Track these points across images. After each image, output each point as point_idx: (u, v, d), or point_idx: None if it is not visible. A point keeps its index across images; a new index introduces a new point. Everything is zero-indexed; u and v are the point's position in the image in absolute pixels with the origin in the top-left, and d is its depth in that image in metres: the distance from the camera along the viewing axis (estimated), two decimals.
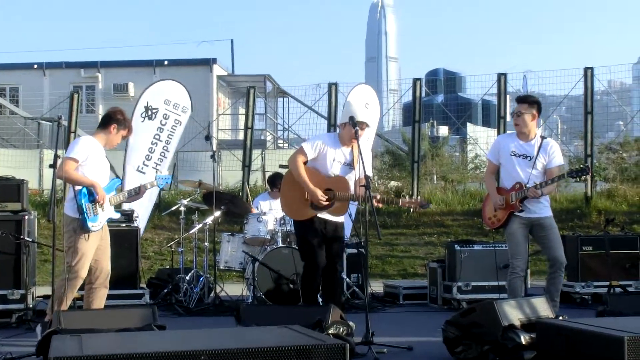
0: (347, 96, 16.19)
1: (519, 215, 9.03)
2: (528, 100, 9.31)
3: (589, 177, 19.06)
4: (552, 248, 9.02)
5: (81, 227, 8.19)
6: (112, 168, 12.93)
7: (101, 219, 8.38)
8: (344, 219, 9.05)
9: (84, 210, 8.17)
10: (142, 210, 13.73)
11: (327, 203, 8.68)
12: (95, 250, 8.42)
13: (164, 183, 9.34)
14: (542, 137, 9.23)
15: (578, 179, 18.43)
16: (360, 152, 8.48)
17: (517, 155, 9.10)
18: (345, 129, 8.78)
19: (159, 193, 19.43)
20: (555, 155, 9.18)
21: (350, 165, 8.83)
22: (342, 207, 8.80)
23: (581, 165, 9.40)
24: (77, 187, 8.25)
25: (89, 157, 8.33)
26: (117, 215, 8.88)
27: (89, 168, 8.33)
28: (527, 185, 8.96)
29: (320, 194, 8.63)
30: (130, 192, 8.84)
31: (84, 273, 8.28)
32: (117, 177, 9.61)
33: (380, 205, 8.89)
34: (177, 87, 14.95)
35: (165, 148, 14.50)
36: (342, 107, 16.00)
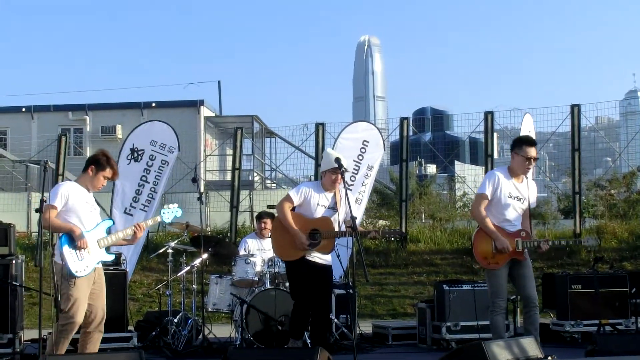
0: (340, 134, 16.17)
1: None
2: (536, 144, 9.47)
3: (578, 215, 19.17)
4: (526, 287, 9.17)
5: (67, 273, 8.13)
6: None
7: (88, 263, 8.23)
8: (331, 262, 9.30)
9: (65, 256, 8.10)
10: (132, 252, 13.69)
11: (308, 246, 9.19)
12: (89, 295, 8.35)
13: (172, 217, 9.18)
14: (526, 177, 9.38)
15: (580, 210, 18.57)
16: (347, 195, 8.91)
17: (513, 197, 9.24)
18: (325, 176, 9.38)
19: (147, 235, 19.41)
20: (535, 195, 9.56)
21: (333, 209, 9.37)
22: (329, 245, 9.28)
23: (596, 237, 9.56)
24: (60, 234, 8.23)
25: (69, 202, 8.24)
26: (109, 257, 8.72)
27: (71, 213, 8.25)
28: (534, 239, 9.12)
29: (304, 238, 9.18)
30: (125, 232, 8.67)
31: (79, 318, 8.14)
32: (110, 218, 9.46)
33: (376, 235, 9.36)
34: (164, 127, 14.91)
35: (152, 189, 14.46)
36: (332, 148, 16.05)
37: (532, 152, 9.24)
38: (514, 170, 9.31)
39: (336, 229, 9.27)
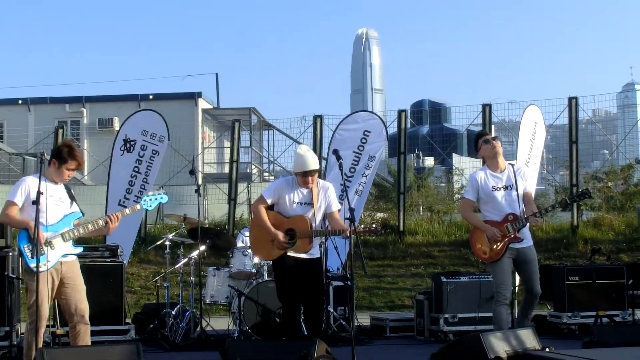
0: (338, 126, 16.17)
1: (509, 247, 9.31)
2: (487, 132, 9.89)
3: (575, 204, 19.14)
4: (531, 280, 9.41)
5: (25, 268, 8.04)
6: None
7: (50, 257, 8.01)
8: (319, 254, 9.29)
9: (23, 252, 7.96)
10: (125, 242, 13.66)
11: (286, 244, 9.13)
12: (62, 290, 8.20)
13: (155, 204, 8.71)
14: (511, 164, 9.61)
15: (574, 208, 18.61)
16: (346, 191, 8.75)
17: (498, 188, 9.41)
18: (297, 177, 9.29)
19: (145, 227, 19.39)
20: (529, 179, 9.74)
21: (309, 204, 9.26)
22: (304, 244, 9.19)
23: (582, 189, 9.76)
24: (23, 229, 8.10)
25: (30, 197, 8.03)
26: (76, 250, 8.39)
27: (33, 208, 7.95)
28: (519, 215, 9.25)
29: (280, 235, 9.12)
30: (95, 223, 8.38)
31: (43, 312, 7.96)
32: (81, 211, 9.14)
33: (346, 235, 9.03)
34: (154, 116, 14.92)
35: (144, 180, 14.50)
36: (330, 140, 16.07)
37: (487, 136, 9.69)
38: (489, 163, 9.59)
39: (314, 225, 9.17)
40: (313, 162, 9.21)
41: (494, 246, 9.31)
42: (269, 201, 9.30)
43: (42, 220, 7.97)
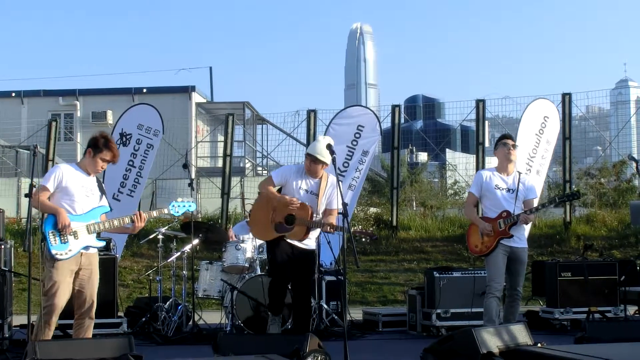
0: (332, 120, 16.17)
1: (503, 243, 9.61)
2: (511, 136, 10.18)
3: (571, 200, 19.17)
4: (517, 281, 9.79)
5: (47, 254, 8.06)
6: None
7: (72, 247, 8.07)
8: (314, 247, 9.38)
9: (47, 237, 8.00)
10: (118, 235, 13.64)
11: (297, 205, 9.21)
12: (77, 280, 8.23)
13: (181, 210, 8.75)
14: (519, 172, 9.98)
15: (566, 204, 18.67)
16: (339, 186, 8.82)
17: (501, 188, 9.75)
18: (306, 159, 9.43)
19: None
20: (533, 189, 9.97)
21: (315, 195, 9.35)
22: (300, 232, 9.28)
23: (572, 190, 10.02)
24: (46, 215, 8.17)
25: (62, 184, 8.11)
26: (99, 244, 8.42)
27: (64, 195, 8.12)
28: (514, 214, 9.57)
29: (289, 198, 9.22)
30: (122, 220, 8.42)
31: (58, 301, 8.02)
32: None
33: (332, 231, 9.31)
34: (149, 110, 14.98)
35: (138, 174, 14.55)
36: (323, 134, 16.04)
37: (509, 141, 9.93)
38: (500, 166, 9.92)
39: (315, 216, 9.26)
40: (321, 152, 9.26)
41: (485, 240, 9.64)
42: (276, 182, 9.45)
43: (71, 209, 8.12)
